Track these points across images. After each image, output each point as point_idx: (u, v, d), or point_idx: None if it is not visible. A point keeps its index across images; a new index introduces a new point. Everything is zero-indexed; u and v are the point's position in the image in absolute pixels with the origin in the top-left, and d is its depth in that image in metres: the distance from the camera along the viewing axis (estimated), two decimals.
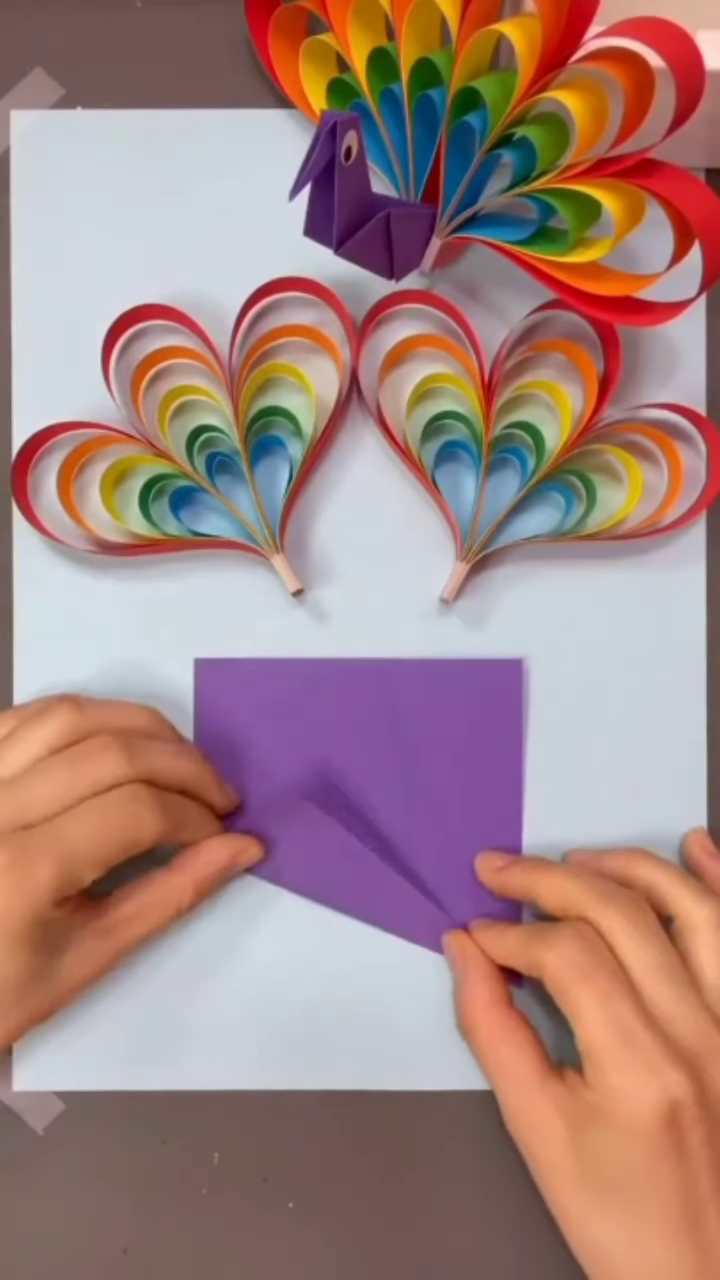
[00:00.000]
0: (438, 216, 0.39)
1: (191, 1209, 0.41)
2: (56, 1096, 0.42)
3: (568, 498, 0.42)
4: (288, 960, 0.42)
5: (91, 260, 0.43)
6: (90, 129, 0.43)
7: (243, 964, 0.42)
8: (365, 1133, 0.41)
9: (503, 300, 0.43)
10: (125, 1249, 0.41)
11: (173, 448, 0.41)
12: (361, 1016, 0.42)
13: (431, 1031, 0.41)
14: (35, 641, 0.42)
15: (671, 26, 0.33)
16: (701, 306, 0.43)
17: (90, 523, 0.42)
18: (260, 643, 0.42)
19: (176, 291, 0.42)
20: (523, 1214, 0.40)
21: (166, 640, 0.42)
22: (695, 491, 0.42)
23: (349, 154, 0.33)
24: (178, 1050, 0.41)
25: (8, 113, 0.43)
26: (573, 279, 0.37)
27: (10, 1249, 0.41)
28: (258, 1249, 0.41)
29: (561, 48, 0.35)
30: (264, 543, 0.41)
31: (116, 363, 0.42)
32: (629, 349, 0.42)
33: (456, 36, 0.36)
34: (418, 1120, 0.41)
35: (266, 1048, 0.41)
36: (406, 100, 0.38)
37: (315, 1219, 0.41)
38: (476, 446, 0.41)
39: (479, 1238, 0.41)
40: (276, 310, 0.42)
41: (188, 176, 0.43)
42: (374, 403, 0.42)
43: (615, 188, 0.35)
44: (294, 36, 0.42)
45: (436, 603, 0.43)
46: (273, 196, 0.41)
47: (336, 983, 0.42)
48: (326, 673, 0.42)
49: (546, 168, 0.36)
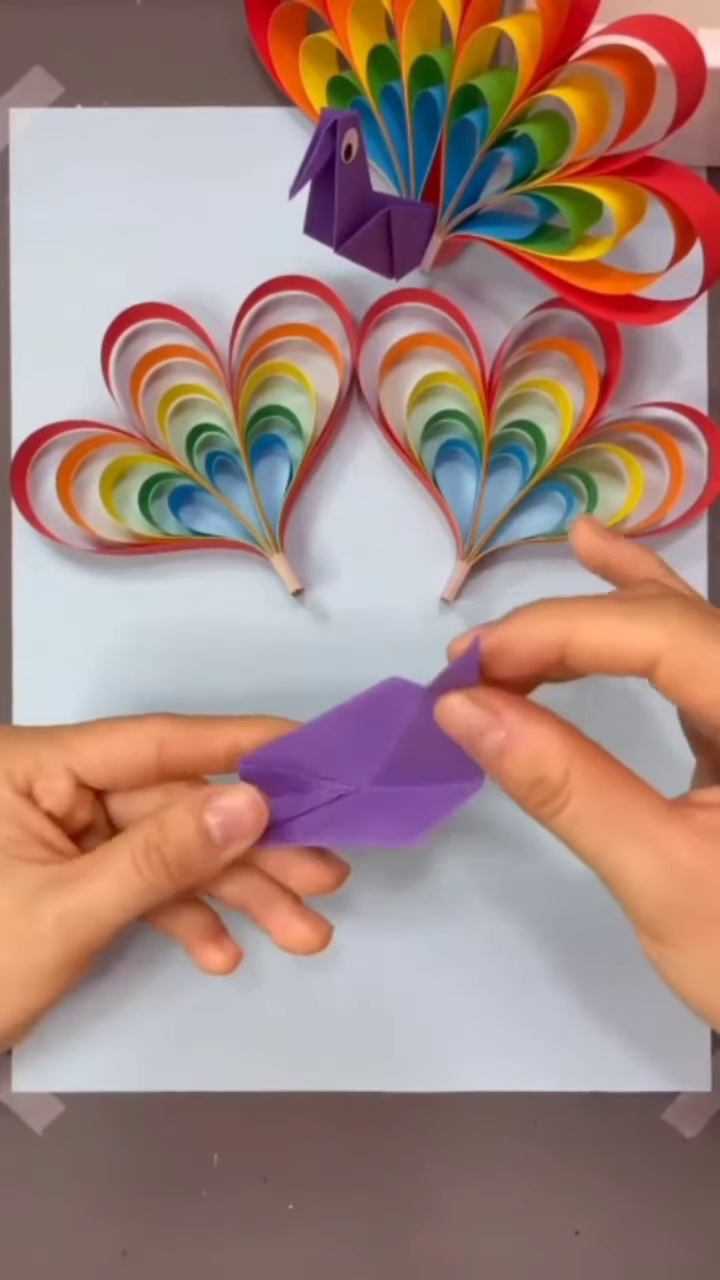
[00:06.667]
0: (438, 215, 0.39)
1: (191, 1209, 0.41)
2: (56, 1098, 0.41)
3: (569, 497, 0.42)
4: (287, 961, 0.41)
5: (91, 258, 0.43)
6: (90, 127, 0.43)
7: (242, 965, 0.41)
8: (365, 1134, 0.41)
9: (503, 299, 0.43)
10: (125, 1250, 0.41)
11: (172, 447, 0.41)
12: (361, 1018, 0.41)
13: (431, 1033, 0.41)
14: (34, 640, 0.42)
15: (673, 24, 0.33)
16: (703, 305, 0.43)
17: (90, 522, 0.41)
18: (260, 643, 0.42)
19: (176, 290, 0.42)
20: (523, 1214, 0.40)
21: (166, 640, 0.42)
22: (697, 491, 0.42)
23: (349, 152, 0.33)
24: (177, 1051, 0.41)
25: (7, 111, 0.43)
26: (574, 277, 0.37)
27: (10, 1249, 0.41)
28: (258, 1249, 0.41)
29: (562, 46, 0.35)
30: (264, 542, 0.41)
31: (116, 361, 0.42)
32: (630, 348, 0.42)
33: (457, 34, 0.35)
34: (417, 1121, 0.41)
35: (266, 1049, 0.41)
36: (407, 98, 0.38)
37: (315, 1219, 0.41)
38: (477, 446, 0.41)
39: (479, 1238, 0.41)
40: (276, 309, 0.42)
41: (187, 175, 0.43)
42: (374, 402, 0.42)
43: (616, 186, 0.35)
44: (294, 34, 0.42)
45: (437, 602, 0.43)
46: (273, 195, 0.40)
47: (336, 984, 0.42)
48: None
49: (547, 166, 0.36)
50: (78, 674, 0.42)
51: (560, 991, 0.42)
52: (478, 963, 0.42)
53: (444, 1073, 0.41)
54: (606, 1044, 0.42)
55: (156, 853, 0.32)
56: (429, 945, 0.42)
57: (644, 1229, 0.41)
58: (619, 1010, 0.42)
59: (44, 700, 0.42)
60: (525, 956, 0.42)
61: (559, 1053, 0.42)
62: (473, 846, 0.42)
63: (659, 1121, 0.42)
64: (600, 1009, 0.42)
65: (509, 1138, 0.41)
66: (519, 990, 0.42)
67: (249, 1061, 0.41)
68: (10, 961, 0.32)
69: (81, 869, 0.32)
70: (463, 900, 0.42)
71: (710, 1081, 0.42)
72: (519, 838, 0.42)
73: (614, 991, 0.42)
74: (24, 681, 0.42)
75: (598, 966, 0.42)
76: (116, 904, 0.32)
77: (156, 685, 0.42)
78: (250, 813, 0.32)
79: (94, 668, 0.42)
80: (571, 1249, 0.41)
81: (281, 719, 0.35)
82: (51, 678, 0.42)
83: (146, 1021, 0.41)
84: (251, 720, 0.34)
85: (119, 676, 0.42)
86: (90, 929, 0.32)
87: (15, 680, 0.42)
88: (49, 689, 0.42)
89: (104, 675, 0.42)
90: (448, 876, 0.42)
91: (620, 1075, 0.42)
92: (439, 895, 0.42)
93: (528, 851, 0.42)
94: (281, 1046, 0.41)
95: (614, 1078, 0.42)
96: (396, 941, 0.42)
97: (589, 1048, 0.42)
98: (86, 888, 0.32)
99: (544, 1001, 0.41)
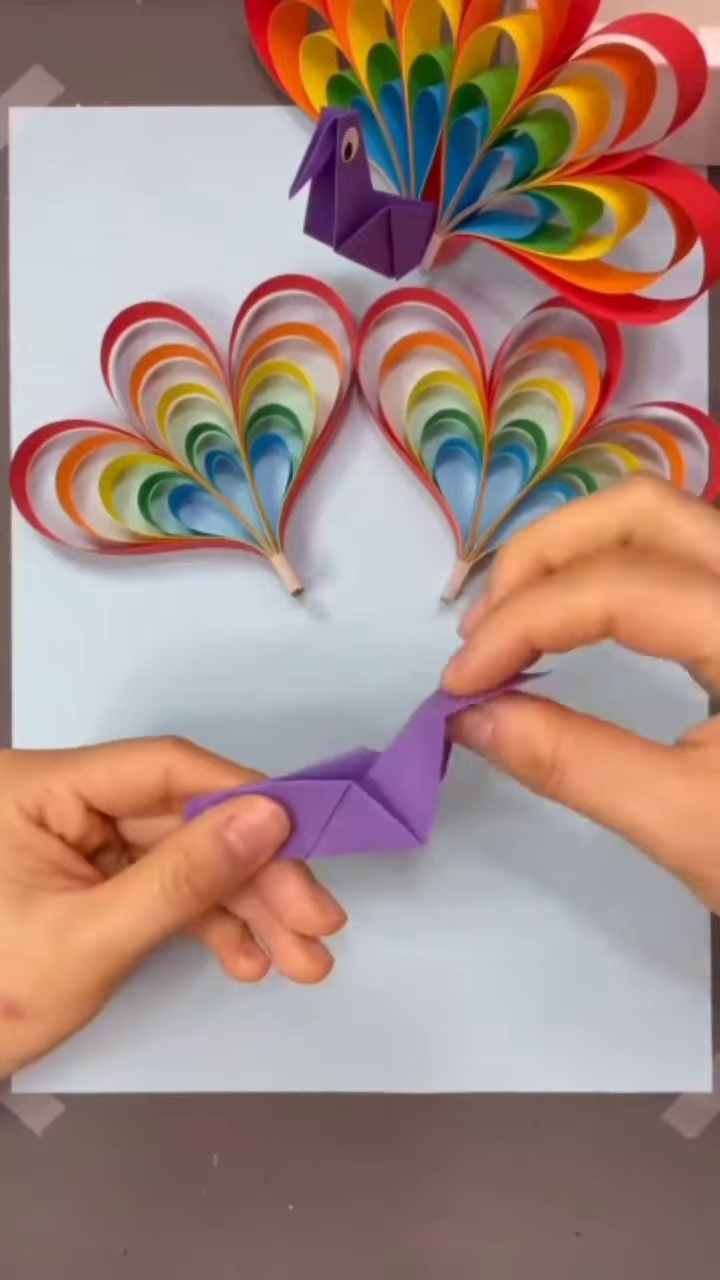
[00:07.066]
0: (438, 214, 0.39)
1: (191, 1210, 0.41)
2: (55, 1098, 0.41)
3: (569, 496, 0.42)
4: None
5: (90, 257, 0.43)
6: (89, 126, 0.43)
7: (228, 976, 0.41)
8: (365, 1134, 0.41)
9: (504, 298, 0.43)
10: (125, 1250, 0.41)
11: (172, 446, 0.41)
12: (361, 1019, 0.41)
13: (432, 1035, 0.41)
14: (34, 640, 0.42)
15: (673, 23, 0.33)
16: (703, 304, 0.43)
17: (89, 522, 0.41)
18: (260, 643, 0.42)
19: (176, 289, 0.42)
20: (523, 1214, 0.40)
21: (166, 640, 0.42)
22: (697, 491, 0.42)
23: (349, 151, 0.33)
24: (177, 1052, 0.41)
25: (7, 110, 0.43)
26: (574, 277, 0.37)
27: (10, 1250, 0.41)
28: (258, 1250, 0.41)
29: (563, 45, 0.35)
30: (264, 542, 0.41)
31: (116, 361, 0.41)
32: (631, 347, 0.42)
33: (457, 33, 0.35)
34: (418, 1122, 0.41)
35: (266, 1049, 0.41)
36: (407, 97, 0.38)
37: (315, 1220, 0.41)
38: (477, 445, 0.41)
39: (479, 1238, 0.41)
40: (276, 308, 0.42)
41: (187, 174, 0.43)
42: (374, 401, 0.41)
43: (617, 185, 0.35)
44: (294, 33, 0.42)
45: (437, 602, 0.43)
46: (273, 194, 0.40)
47: (336, 985, 0.42)
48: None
49: (548, 165, 0.36)
50: (77, 674, 0.42)
51: (561, 993, 0.42)
52: (478, 965, 0.42)
53: (445, 1074, 0.41)
54: (607, 1045, 0.42)
55: (187, 883, 0.31)
56: (430, 948, 0.42)
57: (645, 1229, 0.41)
58: (620, 1011, 0.42)
59: (43, 700, 0.42)
60: (526, 958, 0.42)
61: (559, 1054, 0.42)
62: (475, 850, 0.42)
63: (659, 1122, 0.42)
64: (601, 1010, 0.42)
65: (510, 1139, 0.41)
66: (519, 992, 0.42)
67: (249, 1062, 0.41)
68: (39, 994, 0.32)
69: (107, 899, 0.32)
70: (463, 903, 0.42)
71: (711, 1082, 0.42)
72: (520, 842, 0.42)
73: (614, 993, 0.42)
74: (23, 681, 0.42)
75: (598, 968, 0.42)
76: (145, 934, 0.31)
77: (156, 685, 0.42)
78: (274, 825, 0.32)
79: (93, 668, 0.42)
80: (572, 1249, 0.41)
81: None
82: (51, 678, 0.42)
83: (146, 1022, 0.41)
84: (260, 776, 0.34)
85: (119, 676, 0.42)
86: (120, 960, 0.31)
87: (15, 680, 0.42)
88: (48, 689, 0.42)
89: (103, 675, 0.42)
90: (449, 881, 0.42)
91: (621, 1076, 0.42)
92: (440, 899, 0.42)
93: (529, 855, 0.42)
94: (282, 1047, 0.41)
95: (615, 1079, 0.42)
96: (397, 943, 0.41)
97: (590, 1049, 0.42)
98: (115, 920, 0.31)
99: (544, 1003, 0.41)
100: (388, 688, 0.42)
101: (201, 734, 0.42)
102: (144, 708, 0.42)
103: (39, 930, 0.31)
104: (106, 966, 0.31)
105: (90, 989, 0.32)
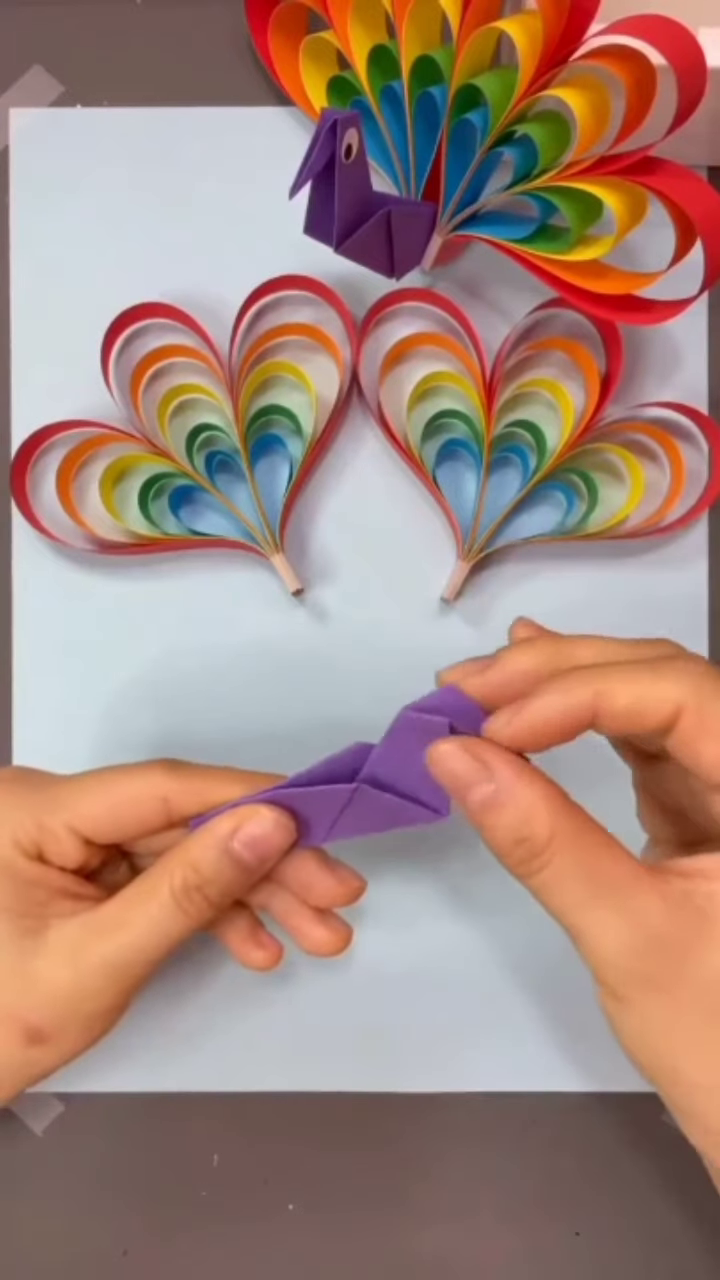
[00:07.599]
0: (438, 214, 0.39)
1: (191, 1210, 0.41)
2: (56, 1098, 0.41)
3: (569, 497, 0.42)
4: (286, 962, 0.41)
5: (90, 258, 0.43)
6: (89, 127, 0.43)
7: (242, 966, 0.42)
8: (365, 1134, 0.41)
9: (504, 298, 0.43)
10: (125, 1250, 0.41)
11: (172, 446, 0.41)
12: (360, 1019, 0.41)
13: (431, 1034, 0.41)
14: (34, 640, 0.42)
15: (673, 24, 0.33)
16: (703, 305, 0.43)
17: (89, 522, 0.41)
18: (260, 643, 0.42)
19: (176, 289, 0.42)
20: (523, 1214, 0.40)
21: (166, 640, 0.42)
22: (697, 490, 0.42)
23: (349, 152, 0.33)
24: (177, 1052, 0.41)
25: (7, 110, 0.43)
26: (574, 277, 0.37)
27: (10, 1250, 0.41)
28: (258, 1250, 0.41)
29: (563, 45, 0.35)
30: (264, 542, 0.41)
31: (116, 361, 0.42)
32: (630, 347, 0.42)
33: (457, 34, 0.35)
34: (417, 1122, 0.41)
35: (266, 1049, 0.41)
36: (407, 98, 0.38)
37: (315, 1220, 0.41)
38: (477, 445, 0.41)
39: (479, 1237, 0.41)
40: (276, 308, 0.42)
41: (187, 174, 0.43)
42: (374, 401, 0.41)
43: (617, 185, 0.35)
44: (294, 34, 0.42)
45: (437, 602, 0.43)
46: (273, 194, 0.40)
47: (335, 985, 0.42)
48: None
49: (548, 165, 0.36)
50: (77, 674, 0.42)
51: (560, 992, 0.42)
52: (476, 964, 0.42)
53: (443, 1073, 0.41)
54: (606, 1044, 0.42)
55: (198, 892, 0.32)
56: (428, 947, 0.42)
57: (644, 1229, 0.41)
58: None
59: (43, 700, 0.42)
60: (525, 958, 0.42)
61: (558, 1053, 0.42)
62: (471, 849, 0.42)
63: (659, 1122, 0.42)
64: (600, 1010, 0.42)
65: (509, 1138, 0.41)
66: (518, 991, 0.42)
67: (249, 1062, 0.41)
68: (61, 1017, 0.32)
69: (120, 915, 0.32)
70: (461, 902, 0.42)
71: None
72: None
73: None
74: (23, 681, 0.42)
75: None
76: (161, 946, 0.32)
77: (157, 686, 0.42)
78: (278, 833, 0.32)
79: (93, 668, 0.42)
80: (571, 1249, 0.41)
81: (282, 776, 0.34)
82: (50, 678, 0.42)
83: (146, 1022, 0.41)
84: (259, 778, 0.34)
85: (119, 677, 0.42)
86: (136, 973, 0.32)
87: (15, 680, 0.42)
88: (48, 689, 0.42)
89: (104, 675, 0.42)
90: (446, 879, 0.42)
91: (620, 1076, 0.42)
92: (438, 898, 0.42)
93: None
94: (281, 1047, 0.41)
95: (614, 1078, 0.42)
96: (395, 943, 0.41)
97: (589, 1048, 0.42)
98: (129, 935, 0.32)
99: (544, 1002, 0.41)
100: (388, 687, 0.42)
101: (201, 734, 0.42)
102: (144, 708, 0.42)
103: (57, 956, 0.32)
104: (125, 982, 0.32)
105: (109, 1006, 0.32)
